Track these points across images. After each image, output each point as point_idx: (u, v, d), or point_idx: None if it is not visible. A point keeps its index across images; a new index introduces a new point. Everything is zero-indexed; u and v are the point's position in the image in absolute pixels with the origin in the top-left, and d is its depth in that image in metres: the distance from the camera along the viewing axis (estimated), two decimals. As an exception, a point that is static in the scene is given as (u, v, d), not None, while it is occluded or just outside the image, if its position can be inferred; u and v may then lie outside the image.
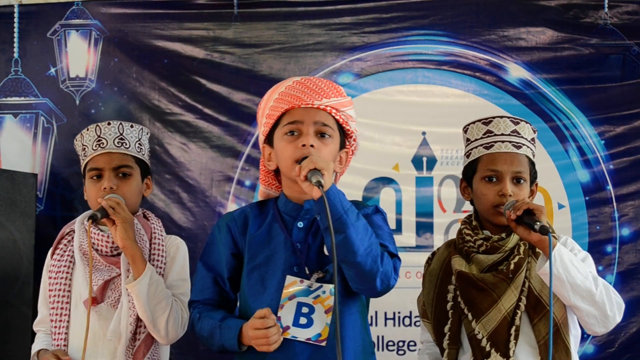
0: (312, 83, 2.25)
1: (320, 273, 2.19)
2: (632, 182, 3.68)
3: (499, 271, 2.32)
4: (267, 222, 2.29)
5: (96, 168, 2.59)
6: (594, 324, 2.26)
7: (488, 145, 2.41)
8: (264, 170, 2.38)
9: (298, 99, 2.23)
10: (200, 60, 3.94)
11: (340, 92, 2.29)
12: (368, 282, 2.11)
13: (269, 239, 2.26)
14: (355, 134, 2.32)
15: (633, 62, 3.72)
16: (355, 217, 2.07)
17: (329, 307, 2.15)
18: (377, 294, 2.18)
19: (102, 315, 2.52)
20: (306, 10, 3.91)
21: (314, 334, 2.14)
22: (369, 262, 2.07)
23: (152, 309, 2.45)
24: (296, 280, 2.18)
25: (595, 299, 2.22)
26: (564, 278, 2.18)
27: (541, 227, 2.15)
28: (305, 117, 2.21)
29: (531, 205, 2.22)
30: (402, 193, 3.77)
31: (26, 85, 4.03)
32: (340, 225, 2.03)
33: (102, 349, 2.50)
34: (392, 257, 2.17)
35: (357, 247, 2.05)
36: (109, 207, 2.45)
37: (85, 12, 4.03)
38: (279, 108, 2.25)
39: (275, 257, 2.23)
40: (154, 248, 2.58)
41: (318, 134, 2.20)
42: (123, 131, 2.62)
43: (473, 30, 3.80)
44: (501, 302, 2.28)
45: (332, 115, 2.24)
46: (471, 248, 2.38)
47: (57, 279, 2.57)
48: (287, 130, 2.22)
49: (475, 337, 2.29)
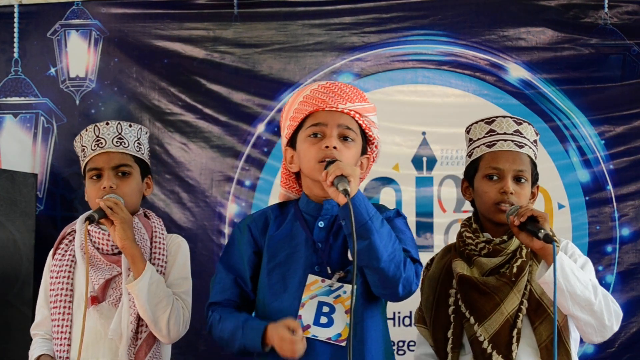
0: (337, 87, 2.28)
1: (341, 273, 2.21)
2: (632, 182, 3.68)
3: (501, 274, 2.31)
4: (288, 221, 2.31)
5: (95, 168, 2.59)
6: (592, 334, 2.26)
7: (490, 143, 2.41)
8: (285, 173, 2.39)
9: (322, 101, 2.25)
10: (200, 60, 3.94)
11: (364, 97, 2.31)
12: (390, 287, 2.13)
13: (290, 238, 2.27)
14: (377, 140, 2.35)
15: (633, 62, 3.72)
16: (379, 223, 2.09)
17: (349, 308, 2.13)
18: (399, 299, 2.20)
19: (103, 314, 2.52)
20: (306, 10, 3.91)
21: (334, 334, 2.16)
22: (392, 267, 2.10)
23: (153, 308, 2.45)
24: (317, 280, 2.20)
25: (594, 308, 2.21)
26: (564, 287, 2.17)
27: (545, 235, 2.14)
28: (329, 119, 2.23)
29: (535, 212, 2.21)
30: (402, 193, 3.77)
31: (26, 85, 4.03)
32: (365, 232, 2.05)
33: (103, 348, 2.50)
34: (414, 262, 2.19)
35: (380, 253, 2.07)
36: (107, 207, 2.45)
37: (85, 12, 4.03)
38: (303, 110, 2.27)
39: (296, 256, 2.24)
40: (154, 247, 2.58)
41: (341, 137, 2.23)
42: (121, 131, 2.62)
43: (473, 30, 3.80)
44: (504, 305, 2.28)
45: (355, 119, 2.26)
46: (472, 251, 2.37)
47: (59, 277, 2.57)
48: (310, 132, 2.24)
49: (477, 339, 2.28)
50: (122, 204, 2.49)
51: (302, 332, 2.11)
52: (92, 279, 2.51)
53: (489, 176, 2.38)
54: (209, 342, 3.74)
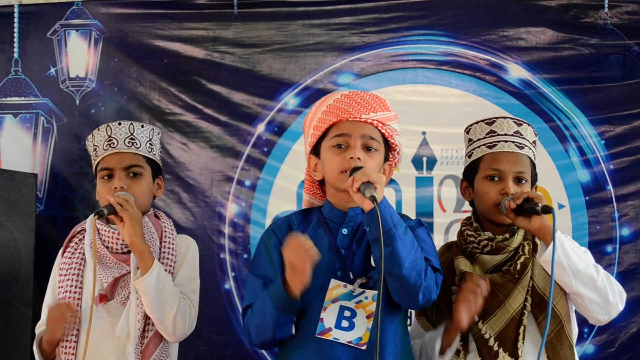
0: (360, 97, 2.31)
1: (363, 279, 2.24)
2: (632, 182, 3.68)
3: (505, 271, 2.32)
4: (312, 227, 2.35)
5: (107, 168, 2.59)
6: (597, 311, 2.28)
7: (491, 144, 2.41)
8: (309, 180, 2.43)
9: (346, 112, 2.28)
10: (200, 60, 3.94)
11: (387, 106, 2.34)
12: (411, 295, 2.16)
13: (314, 243, 2.26)
14: (399, 147, 2.38)
15: (633, 62, 3.72)
16: (403, 230, 2.12)
17: (371, 313, 2.21)
18: (418, 307, 2.25)
19: (111, 313, 2.52)
20: (306, 10, 3.92)
21: (355, 337, 2.20)
22: (413, 275, 2.13)
23: (160, 306, 2.45)
24: (340, 284, 2.24)
25: (597, 284, 2.24)
26: (566, 264, 2.20)
27: (543, 206, 2.18)
28: (353, 130, 2.27)
29: (530, 194, 2.25)
30: (402, 193, 3.77)
31: (26, 85, 4.03)
32: (389, 238, 2.09)
33: (110, 346, 2.51)
34: (434, 271, 2.23)
35: (403, 260, 2.10)
36: (117, 203, 2.46)
37: (85, 12, 4.03)
38: (327, 120, 2.30)
39: (320, 261, 2.24)
40: (164, 247, 2.58)
41: (365, 148, 2.27)
42: (134, 131, 2.63)
43: (473, 30, 3.80)
44: (508, 302, 2.28)
45: (378, 129, 2.30)
46: (475, 249, 2.38)
47: (68, 275, 2.57)
48: (334, 142, 2.28)
49: (483, 337, 2.29)
50: (132, 201, 2.50)
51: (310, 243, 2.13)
52: (101, 277, 2.51)
53: (490, 177, 2.39)
54: (209, 342, 3.74)
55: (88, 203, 3.88)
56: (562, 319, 2.28)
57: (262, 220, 3.84)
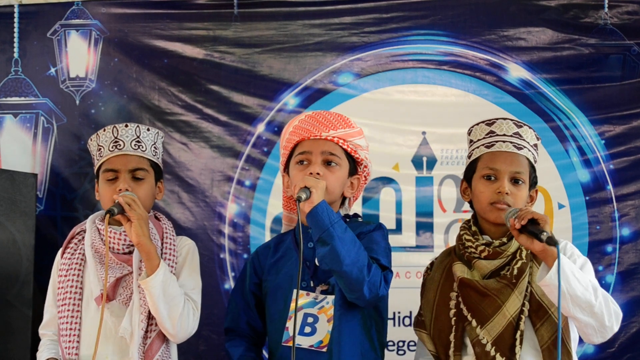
0: (322, 116, 2.50)
1: (324, 286, 2.43)
2: (632, 182, 3.68)
3: (502, 276, 2.32)
4: (285, 246, 2.56)
5: (112, 169, 2.59)
6: (592, 334, 2.27)
7: (489, 144, 2.41)
8: (285, 196, 2.61)
9: (307, 131, 2.47)
10: (200, 60, 3.94)
11: (349, 123, 2.52)
12: (356, 290, 2.30)
13: (286, 260, 2.53)
14: (366, 161, 2.55)
15: (633, 62, 3.72)
16: (342, 230, 2.29)
17: (331, 316, 2.39)
18: (367, 302, 2.36)
19: (114, 313, 2.53)
20: (306, 10, 3.91)
21: (316, 341, 2.38)
22: (354, 271, 2.27)
23: (165, 305, 2.46)
24: (303, 293, 2.43)
25: (594, 310, 2.21)
26: (565, 289, 2.17)
27: (548, 238, 2.14)
28: (314, 147, 2.45)
29: (535, 215, 2.20)
30: (402, 193, 3.77)
31: (26, 85, 4.03)
32: (327, 237, 2.26)
33: (112, 346, 2.51)
34: (383, 269, 2.37)
35: (343, 257, 2.25)
36: (126, 203, 2.46)
37: (85, 12, 4.03)
38: (292, 140, 2.50)
39: (288, 274, 2.49)
40: (165, 247, 2.60)
41: (325, 163, 2.44)
42: (140, 134, 2.63)
43: (473, 30, 3.80)
44: (505, 307, 2.28)
45: (339, 145, 2.46)
46: (472, 254, 2.38)
47: (68, 275, 2.58)
48: (298, 159, 2.47)
49: (480, 342, 2.28)
50: (138, 201, 2.50)
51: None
52: (103, 277, 2.51)
53: (486, 176, 2.39)
54: (209, 342, 3.74)
55: (88, 203, 3.88)
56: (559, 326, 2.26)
57: (262, 220, 3.83)
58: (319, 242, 2.28)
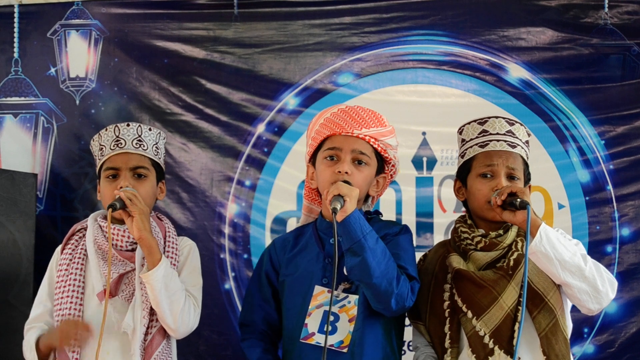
0: (355, 112, 2.43)
1: (346, 284, 2.36)
2: (632, 182, 3.68)
3: (498, 268, 2.33)
4: (305, 239, 2.50)
5: (113, 167, 2.59)
6: (587, 300, 2.27)
7: (483, 144, 2.42)
8: (308, 187, 2.55)
9: (339, 126, 2.41)
10: (200, 60, 3.94)
11: (382, 122, 2.47)
12: (383, 302, 2.26)
13: (306, 254, 2.46)
14: (394, 160, 2.50)
15: (633, 62, 3.72)
16: (374, 241, 2.23)
17: (353, 317, 2.32)
18: (393, 313, 2.33)
19: (116, 309, 2.53)
20: (306, 10, 3.92)
21: (337, 341, 2.31)
22: (384, 284, 2.23)
23: (166, 300, 2.46)
24: (324, 290, 2.36)
25: (585, 274, 2.23)
26: (552, 255, 2.20)
27: (520, 201, 2.20)
28: (345, 144, 2.39)
29: (514, 188, 2.26)
30: (402, 193, 3.77)
31: (26, 85, 4.03)
32: (358, 248, 2.21)
33: (114, 342, 2.51)
34: (410, 279, 2.32)
35: (373, 270, 2.21)
36: (127, 198, 2.46)
37: (85, 12, 4.03)
38: (322, 133, 2.43)
39: (309, 269, 2.42)
40: (167, 246, 2.60)
41: (355, 161, 2.38)
42: (141, 133, 2.63)
43: (473, 30, 3.80)
44: (502, 298, 2.28)
45: (370, 143, 2.41)
46: (469, 245, 2.39)
47: (70, 269, 2.57)
48: (327, 154, 2.41)
49: (477, 334, 2.29)
50: (139, 197, 2.50)
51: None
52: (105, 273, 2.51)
53: (483, 175, 2.40)
54: (209, 342, 3.75)
55: (88, 203, 3.88)
56: (556, 313, 2.28)
57: (262, 220, 3.84)
58: (349, 252, 2.22)
